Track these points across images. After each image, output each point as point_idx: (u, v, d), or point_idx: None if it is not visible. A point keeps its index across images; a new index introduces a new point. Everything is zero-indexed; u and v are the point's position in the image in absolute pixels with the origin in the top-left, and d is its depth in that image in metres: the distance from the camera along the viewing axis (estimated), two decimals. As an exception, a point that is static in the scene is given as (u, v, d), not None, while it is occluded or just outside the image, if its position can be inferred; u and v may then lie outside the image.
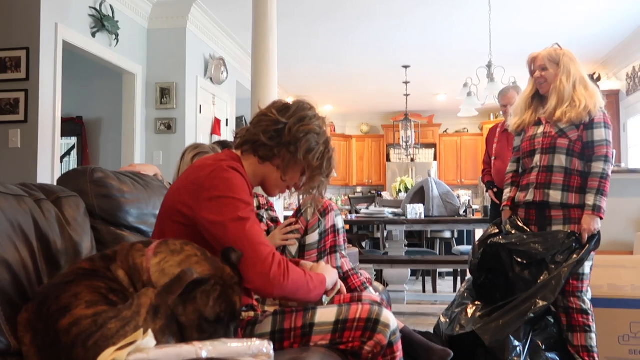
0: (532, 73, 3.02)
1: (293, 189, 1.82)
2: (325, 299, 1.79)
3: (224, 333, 1.35)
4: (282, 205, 5.64)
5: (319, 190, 1.79)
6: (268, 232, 2.43)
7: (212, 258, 1.44)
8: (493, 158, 4.68)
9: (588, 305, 2.77)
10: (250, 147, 1.74)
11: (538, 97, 3.03)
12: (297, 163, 1.72)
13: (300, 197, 1.87)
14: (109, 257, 1.44)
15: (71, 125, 6.44)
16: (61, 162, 5.14)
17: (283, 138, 1.70)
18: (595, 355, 2.74)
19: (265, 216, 2.63)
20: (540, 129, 2.94)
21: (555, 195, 2.83)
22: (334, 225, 2.21)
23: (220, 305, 1.35)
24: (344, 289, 1.90)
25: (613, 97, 7.51)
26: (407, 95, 8.94)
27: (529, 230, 2.91)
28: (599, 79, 8.05)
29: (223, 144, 2.93)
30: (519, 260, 2.79)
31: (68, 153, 6.85)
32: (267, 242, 1.54)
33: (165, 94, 5.88)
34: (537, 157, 2.92)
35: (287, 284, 1.50)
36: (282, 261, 1.51)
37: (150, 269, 1.38)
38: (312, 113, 1.78)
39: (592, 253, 2.78)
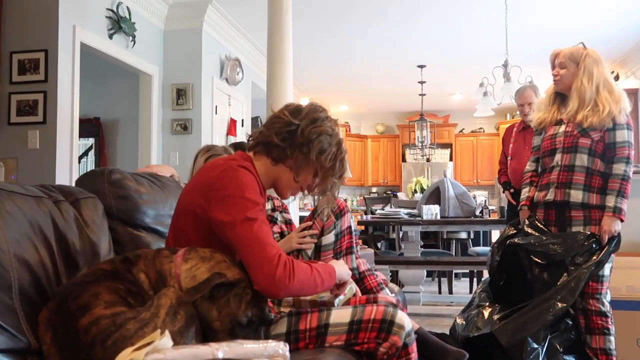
0: (553, 68, 2.98)
1: (305, 191, 1.82)
2: (337, 301, 1.79)
3: (253, 337, 1.37)
4: (297, 205, 5.64)
5: (332, 191, 1.80)
6: (282, 234, 2.43)
7: (241, 264, 1.47)
8: (509, 158, 4.64)
9: (607, 307, 2.74)
10: (263, 149, 1.76)
11: (560, 96, 2.99)
12: (310, 164, 1.73)
13: (316, 198, 1.87)
14: (130, 260, 1.46)
15: (89, 126, 6.50)
16: (79, 162, 5.19)
17: (296, 139, 1.71)
18: (614, 358, 2.71)
19: (279, 218, 2.63)
20: (562, 128, 2.90)
21: (577, 195, 2.80)
22: (349, 227, 2.22)
23: (252, 309, 1.38)
24: (359, 292, 1.90)
25: (631, 96, 7.39)
26: (422, 95, 8.90)
27: (548, 230, 2.88)
28: (617, 77, 7.96)
29: (236, 146, 2.94)
30: (538, 261, 2.76)
31: (86, 153, 6.91)
32: (274, 243, 1.55)
33: (181, 94, 5.92)
34: (558, 156, 2.88)
35: (292, 285, 1.50)
36: (287, 262, 1.52)
37: (180, 275, 1.40)
38: (325, 115, 1.78)
39: (612, 255, 2.75)
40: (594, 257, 2.67)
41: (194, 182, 1.72)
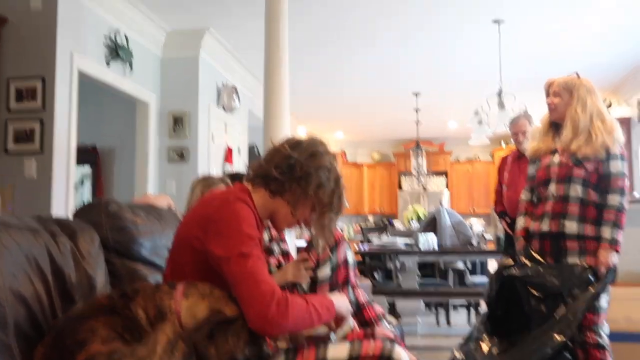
0: (547, 97, 3.01)
1: (303, 225, 1.82)
2: (333, 336, 1.77)
3: None
4: (294, 234, 5.62)
5: (329, 226, 1.79)
6: (279, 266, 2.41)
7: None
8: (505, 187, 4.65)
9: (605, 340, 2.72)
10: (261, 181, 1.76)
11: (555, 126, 3.01)
12: (308, 198, 1.73)
13: (313, 231, 1.87)
14: (128, 295, 1.45)
15: (85, 154, 6.50)
16: (75, 190, 5.18)
17: (294, 173, 1.72)
18: (613, 392, 2.69)
19: (276, 250, 2.61)
20: (556, 158, 2.92)
21: (571, 226, 2.81)
22: (345, 258, 2.19)
23: (250, 346, 1.38)
24: (357, 326, 1.88)
25: (624, 124, 7.45)
26: (417, 122, 8.96)
27: (543, 261, 2.87)
28: (609, 105, 8.03)
29: (233, 177, 2.94)
30: (535, 293, 2.75)
31: (82, 181, 6.90)
32: (268, 279, 1.54)
33: (178, 122, 5.94)
34: (552, 187, 2.89)
35: (286, 324, 1.49)
36: (281, 300, 1.50)
37: (180, 312, 1.39)
38: (324, 149, 1.79)
39: (609, 286, 2.74)
40: (591, 289, 2.66)
41: (192, 215, 1.72)
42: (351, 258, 2.23)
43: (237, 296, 1.51)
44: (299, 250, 2.34)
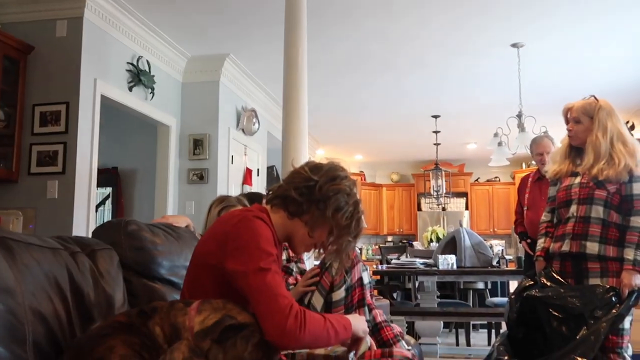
0: (567, 123, 2.99)
1: (320, 249, 1.83)
2: (351, 356, 1.77)
3: None
4: (312, 255, 5.61)
5: (346, 251, 1.80)
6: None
7: (253, 314, 1.47)
8: (525, 208, 4.61)
9: (629, 362, 2.67)
10: (280, 202, 1.77)
11: (575, 149, 2.99)
12: (326, 221, 1.74)
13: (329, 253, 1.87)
14: (147, 313, 1.46)
15: (106, 176, 6.61)
16: (96, 211, 5.25)
17: (313, 195, 1.73)
18: (638, 416, 2.62)
19: (294, 269, 2.62)
20: (577, 179, 2.89)
21: (592, 247, 2.77)
22: (360, 279, 2.18)
23: (258, 352, 1.35)
24: (374, 345, 1.87)
25: (648, 146, 7.38)
26: (437, 144, 8.95)
27: (564, 282, 2.83)
28: (632, 127, 7.94)
29: (250, 196, 2.96)
30: (556, 314, 2.71)
31: (103, 202, 6.99)
32: (286, 293, 1.55)
33: (198, 145, 6.01)
34: (573, 207, 2.86)
35: (303, 336, 1.49)
36: (299, 313, 1.51)
37: (194, 328, 1.40)
38: (344, 174, 1.80)
39: (632, 308, 2.69)
40: (614, 311, 2.62)
41: (210, 233, 1.74)
42: (367, 278, 2.22)
43: (255, 310, 1.52)
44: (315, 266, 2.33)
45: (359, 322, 1.74)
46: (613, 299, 2.66)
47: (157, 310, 1.46)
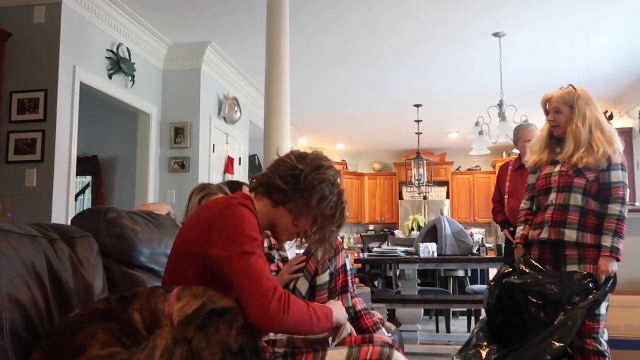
0: (546, 114, 3.02)
1: (303, 239, 1.84)
2: (331, 343, 1.78)
3: None
4: (294, 244, 5.62)
5: (329, 240, 1.81)
6: (278, 272, 2.42)
7: (235, 300, 1.47)
8: (506, 196, 4.65)
9: (604, 346, 2.72)
10: (264, 190, 1.78)
11: (554, 138, 3.02)
12: (310, 210, 1.75)
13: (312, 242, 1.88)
14: (127, 299, 1.45)
15: (86, 164, 6.54)
16: (75, 200, 5.20)
17: (298, 184, 1.74)
18: (613, 399, 2.68)
19: (276, 256, 2.63)
20: (557, 168, 2.93)
21: (571, 234, 2.81)
22: (344, 265, 2.20)
23: (243, 336, 1.35)
24: (354, 331, 1.88)
25: (625, 135, 7.48)
26: (419, 133, 8.99)
27: (542, 268, 2.87)
28: (611, 117, 8.05)
29: (231, 184, 2.95)
30: (534, 300, 2.75)
31: (83, 191, 6.93)
32: (270, 276, 1.56)
33: (179, 133, 5.97)
34: (552, 195, 2.90)
35: (286, 319, 1.50)
36: (283, 295, 1.52)
37: (173, 315, 1.39)
38: (328, 164, 1.82)
39: (609, 294, 2.74)
40: (590, 297, 2.66)
41: (193, 220, 1.73)
42: (349, 265, 2.24)
43: (239, 292, 1.52)
44: (297, 254, 2.35)
45: (339, 310, 1.75)
46: (590, 285, 2.70)
47: (138, 296, 1.46)
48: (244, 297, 1.50)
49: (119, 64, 5.15)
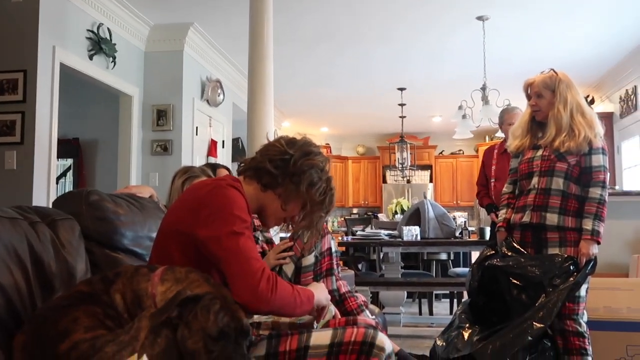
0: (528, 98, 3.03)
1: (290, 224, 1.85)
2: (316, 325, 1.79)
3: (232, 350, 1.33)
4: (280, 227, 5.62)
5: (317, 226, 1.83)
6: (263, 254, 2.42)
7: (215, 283, 1.45)
8: (493, 180, 4.66)
9: (584, 328, 2.76)
10: (254, 174, 1.78)
11: (536, 123, 3.04)
12: (299, 195, 1.75)
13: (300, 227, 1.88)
14: (109, 279, 1.44)
15: (67, 147, 6.46)
16: (57, 183, 5.14)
17: (288, 168, 1.74)
18: (592, 379, 2.73)
19: (260, 238, 2.63)
20: (539, 152, 2.95)
21: (552, 218, 2.84)
22: (329, 248, 2.22)
23: (222, 319, 1.34)
24: (338, 314, 1.89)
25: (607, 120, 7.56)
26: (402, 117, 8.99)
27: (524, 251, 2.90)
28: (592, 101, 8.12)
29: (213, 166, 2.95)
30: (516, 283, 2.78)
31: (64, 174, 6.85)
32: (258, 257, 1.57)
33: (161, 115, 5.91)
34: (534, 179, 2.92)
35: (274, 299, 1.52)
36: (270, 276, 1.54)
37: (156, 296, 1.38)
38: (317, 150, 1.83)
39: (588, 276, 2.78)
40: (571, 279, 2.70)
41: (180, 201, 1.73)
42: (334, 248, 2.25)
43: (227, 273, 1.52)
44: (282, 239, 2.36)
45: (321, 292, 1.77)
46: (571, 267, 2.73)
47: (120, 275, 1.44)
48: (232, 277, 1.50)
49: (99, 45, 5.07)
